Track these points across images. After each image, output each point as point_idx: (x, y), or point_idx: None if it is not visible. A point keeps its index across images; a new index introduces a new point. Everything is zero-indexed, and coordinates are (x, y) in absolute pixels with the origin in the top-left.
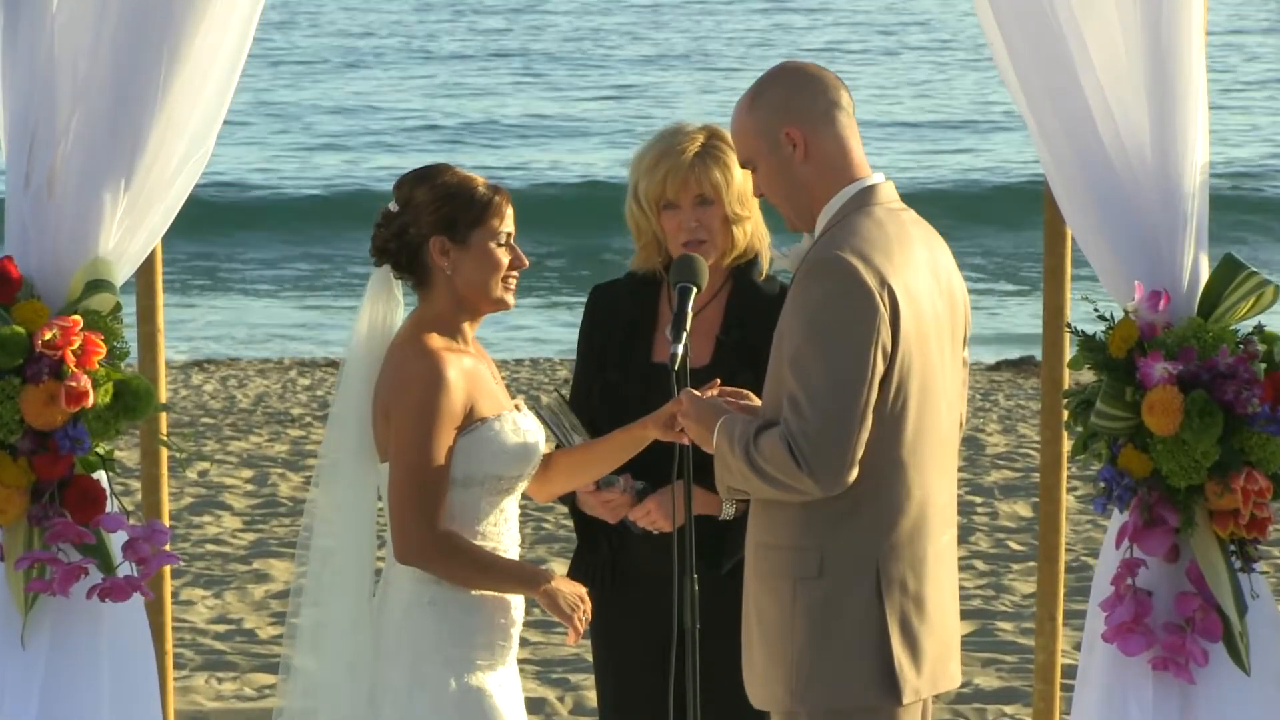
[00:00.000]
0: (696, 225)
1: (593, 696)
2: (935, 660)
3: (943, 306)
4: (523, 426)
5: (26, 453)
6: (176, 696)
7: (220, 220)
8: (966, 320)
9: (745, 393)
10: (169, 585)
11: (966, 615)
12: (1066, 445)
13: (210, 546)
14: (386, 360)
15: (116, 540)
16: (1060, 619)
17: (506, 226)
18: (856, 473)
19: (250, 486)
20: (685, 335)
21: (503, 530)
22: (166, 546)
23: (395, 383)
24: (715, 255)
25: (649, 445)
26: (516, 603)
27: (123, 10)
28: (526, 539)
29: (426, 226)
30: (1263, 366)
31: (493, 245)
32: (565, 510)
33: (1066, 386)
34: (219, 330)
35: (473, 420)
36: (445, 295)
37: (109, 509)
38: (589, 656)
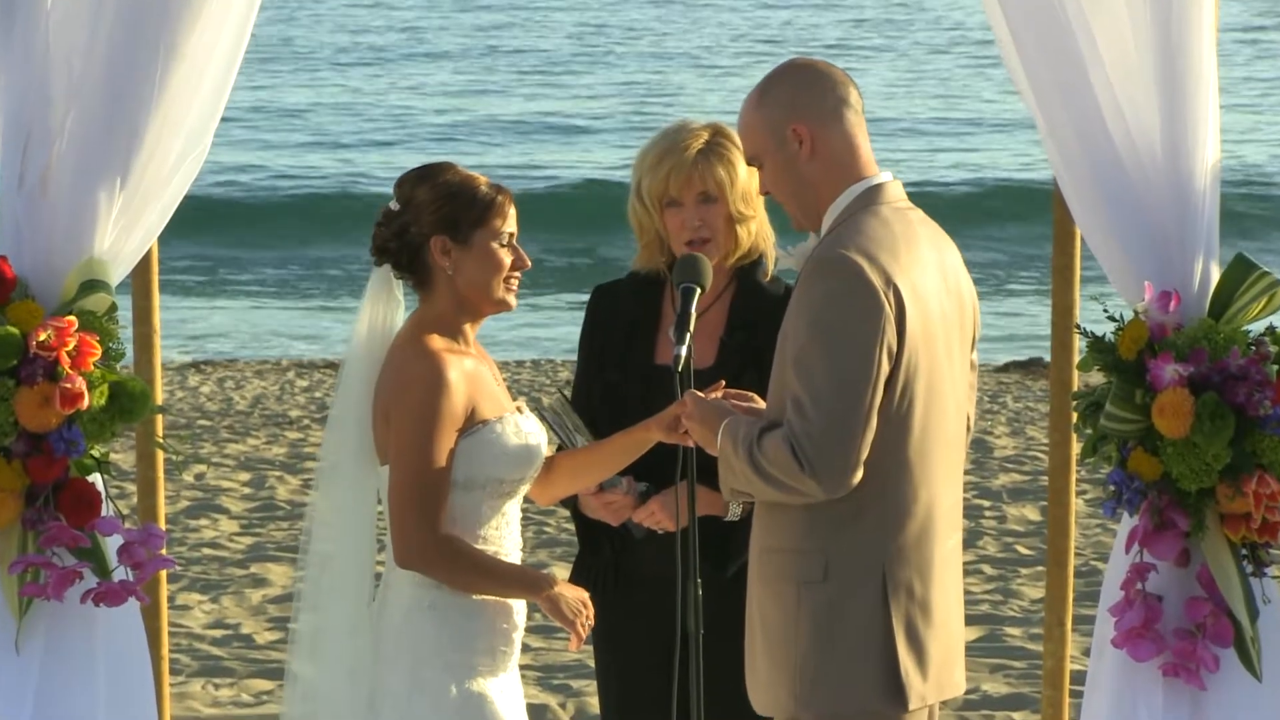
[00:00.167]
0: (700, 224)
1: (595, 703)
2: (941, 667)
3: (951, 307)
4: (524, 429)
5: (20, 455)
6: (173, 703)
7: (217, 220)
8: (975, 322)
9: (750, 395)
10: (165, 590)
11: (974, 620)
12: (1075, 448)
13: (207, 550)
14: (387, 362)
15: (112, 544)
16: (1069, 624)
17: (509, 226)
18: (861, 475)
19: (248, 490)
20: (689, 336)
21: (504, 534)
22: (162, 550)
23: (396, 384)
24: (719, 254)
25: (652, 447)
26: (519, 607)
27: (119, 7)
28: (528, 543)
29: (428, 226)
30: (1275, 368)
31: (495, 245)
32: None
33: (1076, 388)
34: (216, 331)
35: (474, 422)
36: (446, 296)
37: (104, 512)
38: (591, 662)
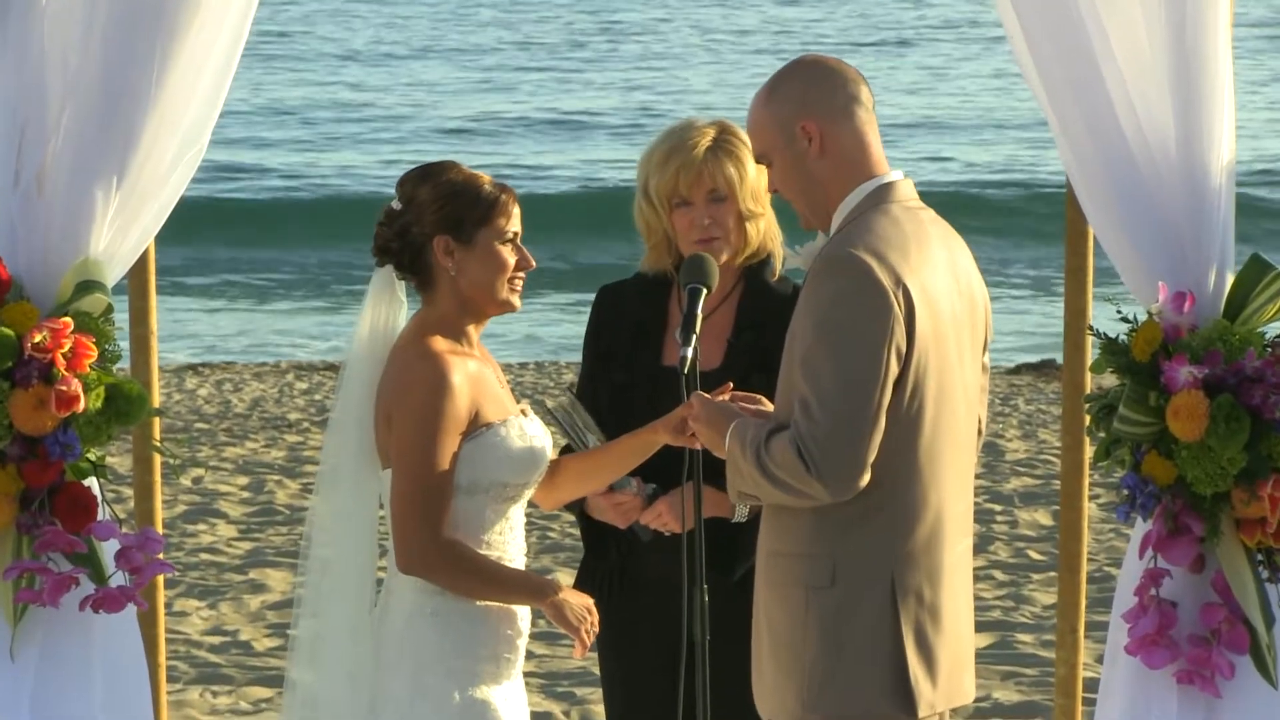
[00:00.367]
0: (710, 222)
1: (599, 711)
2: (950, 674)
3: (962, 308)
4: (529, 432)
5: (15, 459)
6: (170, 711)
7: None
8: (987, 324)
9: (758, 397)
10: (162, 596)
11: (985, 627)
12: (1088, 451)
13: (205, 556)
14: (389, 363)
15: (108, 549)
16: (1082, 631)
17: (513, 226)
18: (869, 477)
19: (246, 494)
20: (695, 338)
21: (508, 539)
22: (160, 556)
23: (398, 386)
24: (729, 253)
25: (659, 450)
26: (523, 614)
27: (114, 2)
28: (531, 548)
29: (430, 225)
30: None
31: (498, 245)
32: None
33: (1088, 391)
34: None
35: (478, 425)
36: (449, 297)
37: (100, 517)
38: (596, 670)
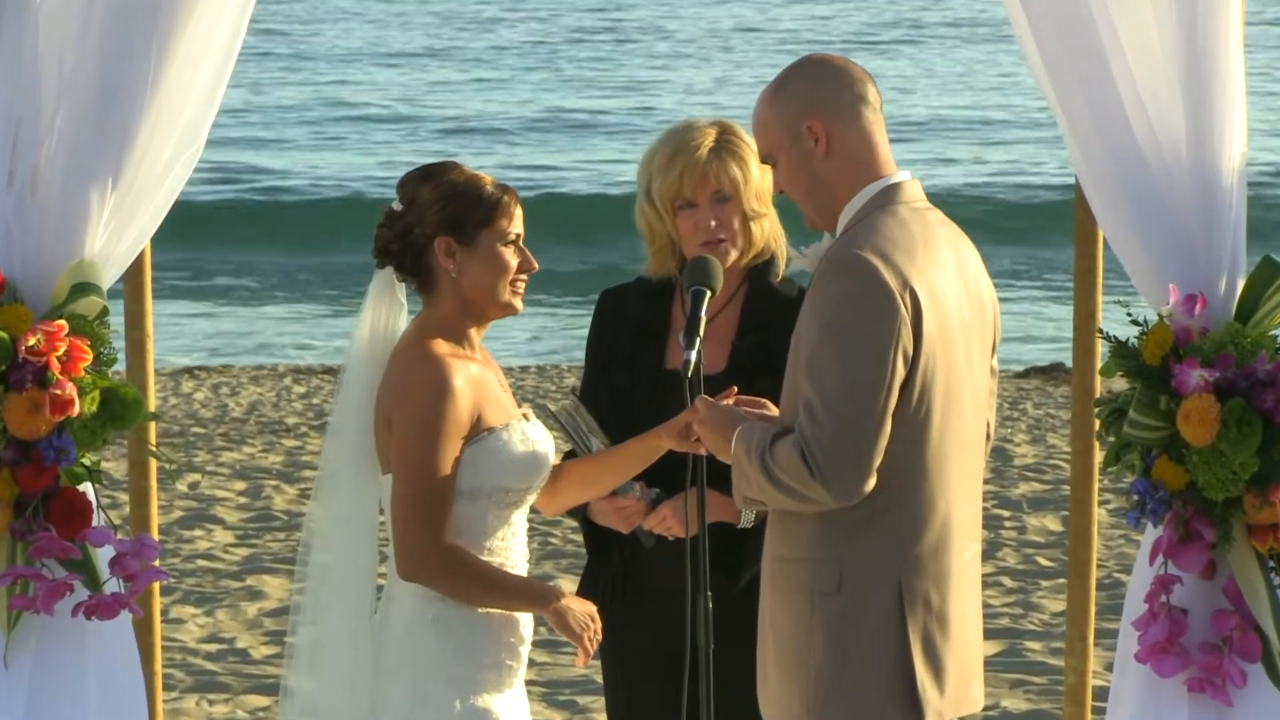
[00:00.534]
0: (715, 224)
1: (602, 719)
2: (958, 681)
3: (970, 311)
4: (531, 436)
5: (9, 464)
6: (166, 719)
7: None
8: (996, 327)
9: (763, 401)
10: (158, 603)
11: (993, 634)
12: (1098, 456)
13: (201, 562)
14: (389, 367)
15: (103, 555)
16: (1091, 638)
17: (515, 227)
18: (874, 481)
19: (243, 499)
20: (699, 341)
21: (510, 545)
22: (156, 562)
23: (398, 390)
24: (734, 255)
25: (663, 455)
26: (525, 621)
27: (110, 0)
28: (533, 554)
29: (431, 226)
30: None
31: (500, 247)
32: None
33: (1098, 395)
34: (211, 336)
35: (479, 430)
36: (450, 299)
37: (95, 523)
38: (598, 678)
